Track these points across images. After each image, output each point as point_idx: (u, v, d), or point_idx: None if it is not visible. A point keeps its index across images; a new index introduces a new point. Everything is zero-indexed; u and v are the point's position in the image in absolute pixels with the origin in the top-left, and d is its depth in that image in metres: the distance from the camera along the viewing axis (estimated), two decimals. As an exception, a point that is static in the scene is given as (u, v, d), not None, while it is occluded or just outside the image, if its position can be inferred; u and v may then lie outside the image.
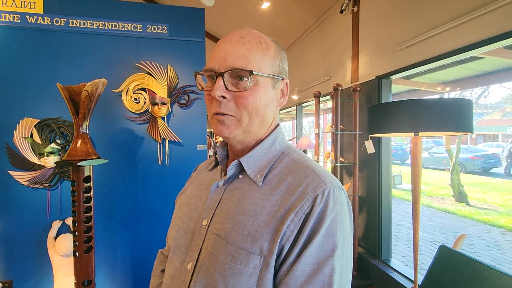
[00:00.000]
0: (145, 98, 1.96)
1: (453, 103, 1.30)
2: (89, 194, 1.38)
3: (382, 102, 2.35)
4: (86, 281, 1.37)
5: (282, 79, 0.57)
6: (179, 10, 2.06)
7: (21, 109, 1.77)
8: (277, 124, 0.62)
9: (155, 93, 1.95)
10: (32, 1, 1.79)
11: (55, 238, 1.76)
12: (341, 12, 2.94)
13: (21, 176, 1.75)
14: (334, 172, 2.68)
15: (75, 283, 1.36)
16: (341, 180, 3.01)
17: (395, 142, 15.22)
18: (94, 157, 1.39)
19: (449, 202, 6.54)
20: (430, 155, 11.83)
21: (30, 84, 1.79)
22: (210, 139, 7.60)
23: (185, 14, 2.06)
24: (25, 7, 1.78)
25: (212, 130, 0.56)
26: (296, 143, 4.06)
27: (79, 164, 1.32)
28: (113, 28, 1.93)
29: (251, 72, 0.50)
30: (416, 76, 2.84)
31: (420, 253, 3.64)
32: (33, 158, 1.76)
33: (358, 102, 2.58)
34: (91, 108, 1.39)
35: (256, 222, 0.49)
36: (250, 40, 0.52)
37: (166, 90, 1.98)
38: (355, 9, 2.82)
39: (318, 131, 3.06)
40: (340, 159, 2.72)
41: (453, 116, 1.28)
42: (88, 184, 1.38)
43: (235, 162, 0.56)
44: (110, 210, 1.92)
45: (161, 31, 2.01)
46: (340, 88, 2.65)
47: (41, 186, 1.79)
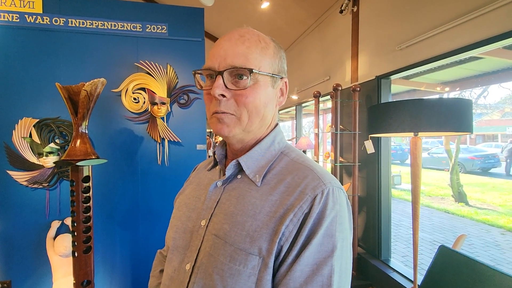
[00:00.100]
0: (144, 98, 1.96)
1: (452, 103, 1.30)
2: (88, 194, 1.38)
3: (381, 102, 2.35)
4: (85, 281, 1.36)
5: (281, 78, 0.57)
6: (178, 9, 2.06)
7: (20, 108, 1.76)
8: (276, 124, 0.62)
9: (155, 93, 1.94)
10: (31, 1, 1.79)
11: (54, 238, 1.75)
12: (341, 12, 2.94)
13: (20, 176, 1.75)
14: (333, 172, 2.68)
15: (74, 283, 1.35)
16: (341, 180, 3.01)
17: (395, 142, 15.22)
18: (93, 157, 1.38)
19: (449, 202, 6.54)
20: (429, 155, 11.85)
21: (29, 84, 1.79)
22: (210, 139, 7.59)
23: (185, 13, 2.06)
24: (24, 7, 1.78)
25: (211, 130, 0.56)
26: (296, 143, 4.06)
27: (78, 164, 1.32)
28: (113, 27, 1.92)
29: (251, 71, 0.49)
30: (416, 76, 2.84)
31: (419, 253, 3.64)
32: (32, 158, 1.76)
33: (358, 102, 2.58)
34: (90, 108, 1.39)
35: (255, 223, 0.49)
36: (250, 38, 0.52)
37: (165, 90, 1.98)
38: (355, 9, 2.82)
39: (318, 131, 3.06)
40: (340, 159, 2.72)
41: (453, 116, 1.28)
42: (87, 184, 1.38)
43: (234, 162, 0.56)
44: (109, 210, 1.92)
45: (160, 31, 2.01)
46: (339, 88, 2.64)
47: (40, 186, 1.79)
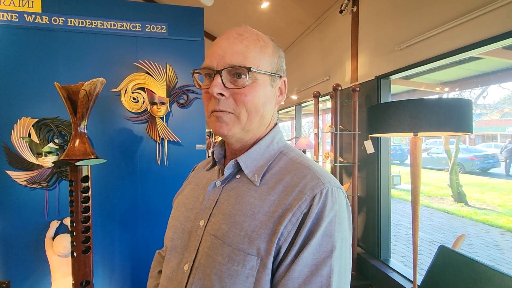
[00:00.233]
0: (144, 98, 1.95)
1: (452, 103, 1.30)
2: (87, 194, 1.38)
3: (381, 102, 2.34)
4: (84, 281, 1.36)
5: (280, 77, 0.57)
6: (178, 9, 2.06)
7: (19, 108, 1.76)
8: (275, 123, 0.61)
9: (154, 93, 1.94)
10: (31, 0, 1.78)
11: (53, 238, 1.75)
12: (341, 12, 2.94)
13: (19, 176, 1.74)
14: (333, 172, 2.68)
15: (73, 283, 1.35)
16: (340, 180, 3.01)
17: (394, 142, 15.23)
18: (92, 157, 1.38)
19: (448, 202, 6.54)
20: (429, 156, 11.86)
21: (28, 84, 1.78)
22: (210, 139, 7.57)
23: (184, 13, 2.06)
24: (23, 6, 1.77)
25: (211, 130, 0.56)
26: (296, 143, 4.06)
27: (77, 164, 1.32)
28: (112, 27, 1.92)
29: (249, 69, 0.49)
30: (415, 77, 2.84)
31: (419, 253, 3.64)
32: (31, 158, 1.76)
33: (358, 102, 2.57)
34: (89, 107, 1.38)
35: (253, 223, 0.48)
36: (248, 37, 0.52)
37: (165, 89, 1.98)
38: (355, 9, 2.82)
39: (318, 131, 3.06)
40: (340, 159, 2.72)
41: (452, 116, 1.28)
42: (86, 184, 1.37)
43: (233, 161, 0.56)
44: (108, 210, 1.92)
45: (160, 31, 2.01)
46: (339, 88, 2.64)
47: (39, 186, 1.78)
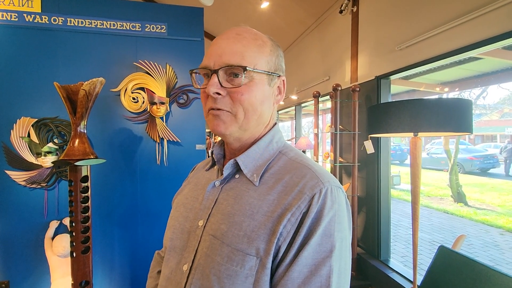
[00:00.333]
0: (143, 98, 1.95)
1: (452, 103, 1.29)
2: (86, 194, 1.38)
3: (381, 102, 2.34)
4: (84, 282, 1.36)
5: (278, 76, 0.56)
6: (178, 9, 2.05)
7: (18, 108, 1.75)
8: (274, 123, 0.61)
9: (154, 93, 1.94)
10: (30, 0, 1.78)
11: (53, 238, 1.75)
12: (341, 12, 2.94)
13: (18, 176, 1.74)
14: (333, 172, 2.68)
15: (72, 284, 1.35)
16: (340, 180, 3.01)
17: (394, 142, 15.23)
18: (92, 157, 1.38)
19: (448, 203, 6.55)
20: (428, 156, 11.86)
21: (27, 83, 1.78)
22: (210, 139, 7.56)
23: (184, 13, 2.06)
24: (22, 6, 1.77)
25: (210, 129, 0.56)
26: (295, 143, 4.06)
27: (77, 163, 1.31)
28: (112, 27, 1.92)
29: (244, 68, 0.49)
30: (415, 77, 2.84)
31: (418, 254, 3.63)
32: (30, 158, 1.75)
33: (357, 102, 2.57)
34: (88, 107, 1.38)
35: (252, 223, 0.48)
36: (247, 37, 0.52)
37: (164, 89, 1.97)
38: (355, 9, 2.82)
39: (317, 131, 3.06)
40: (339, 159, 2.72)
41: (452, 116, 1.28)
42: (86, 184, 1.37)
43: (232, 161, 0.56)
44: (108, 210, 1.91)
45: (160, 31, 2.01)
46: (339, 88, 2.64)
47: (39, 186, 1.78)
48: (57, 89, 1.34)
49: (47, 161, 1.74)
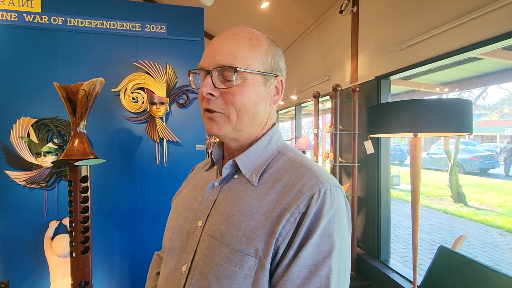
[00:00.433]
0: (143, 98, 1.95)
1: (452, 103, 1.29)
2: (86, 194, 1.37)
3: (381, 103, 2.34)
4: (83, 282, 1.36)
5: (275, 76, 0.56)
6: (178, 9, 2.05)
7: (18, 108, 1.75)
8: (273, 123, 0.61)
9: (154, 93, 1.94)
10: (30, 0, 1.78)
11: (52, 239, 1.75)
12: (341, 12, 2.94)
13: (18, 176, 1.74)
14: (333, 172, 2.67)
15: (72, 284, 1.35)
16: (340, 181, 3.01)
17: (394, 142, 15.24)
18: (91, 157, 1.38)
19: (448, 203, 6.55)
20: (428, 156, 11.87)
21: (27, 83, 1.78)
22: (210, 139, 7.55)
23: (184, 13, 2.06)
24: (22, 6, 1.77)
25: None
26: (295, 143, 4.06)
27: (76, 164, 1.31)
28: (112, 27, 1.92)
29: (235, 69, 0.49)
30: (415, 77, 2.84)
31: (418, 254, 3.64)
32: (30, 158, 1.75)
33: (357, 102, 2.57)
34: (88, 107, 1.38)
35: (251, 223, 0.48)
36: (242, 36, 0.52)
37: (164, 89, 1.97)
38: (355, 9, 2.82)
39: (317, 132, 3.06)
40: (339, 159, 2.71)
41: (452, 117, 1.28)
42: (85, 184, 1.37)
43: (230, 161, 0.55)
44: (107, 210, 1.91)
45: (159, 31, 2.00)
46: (339, 89, 2.64)
47: (38, 186, 1.78)
48: (57, 89, 1.33)
49: (47, 161, 1.74)
